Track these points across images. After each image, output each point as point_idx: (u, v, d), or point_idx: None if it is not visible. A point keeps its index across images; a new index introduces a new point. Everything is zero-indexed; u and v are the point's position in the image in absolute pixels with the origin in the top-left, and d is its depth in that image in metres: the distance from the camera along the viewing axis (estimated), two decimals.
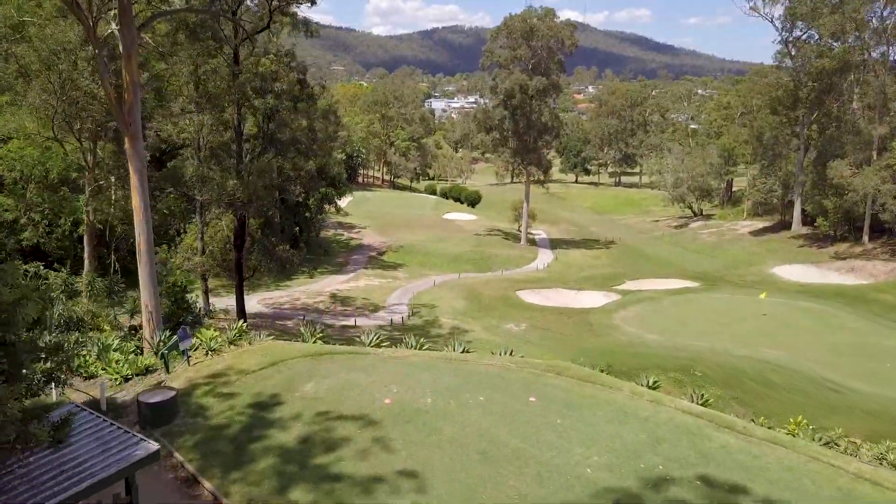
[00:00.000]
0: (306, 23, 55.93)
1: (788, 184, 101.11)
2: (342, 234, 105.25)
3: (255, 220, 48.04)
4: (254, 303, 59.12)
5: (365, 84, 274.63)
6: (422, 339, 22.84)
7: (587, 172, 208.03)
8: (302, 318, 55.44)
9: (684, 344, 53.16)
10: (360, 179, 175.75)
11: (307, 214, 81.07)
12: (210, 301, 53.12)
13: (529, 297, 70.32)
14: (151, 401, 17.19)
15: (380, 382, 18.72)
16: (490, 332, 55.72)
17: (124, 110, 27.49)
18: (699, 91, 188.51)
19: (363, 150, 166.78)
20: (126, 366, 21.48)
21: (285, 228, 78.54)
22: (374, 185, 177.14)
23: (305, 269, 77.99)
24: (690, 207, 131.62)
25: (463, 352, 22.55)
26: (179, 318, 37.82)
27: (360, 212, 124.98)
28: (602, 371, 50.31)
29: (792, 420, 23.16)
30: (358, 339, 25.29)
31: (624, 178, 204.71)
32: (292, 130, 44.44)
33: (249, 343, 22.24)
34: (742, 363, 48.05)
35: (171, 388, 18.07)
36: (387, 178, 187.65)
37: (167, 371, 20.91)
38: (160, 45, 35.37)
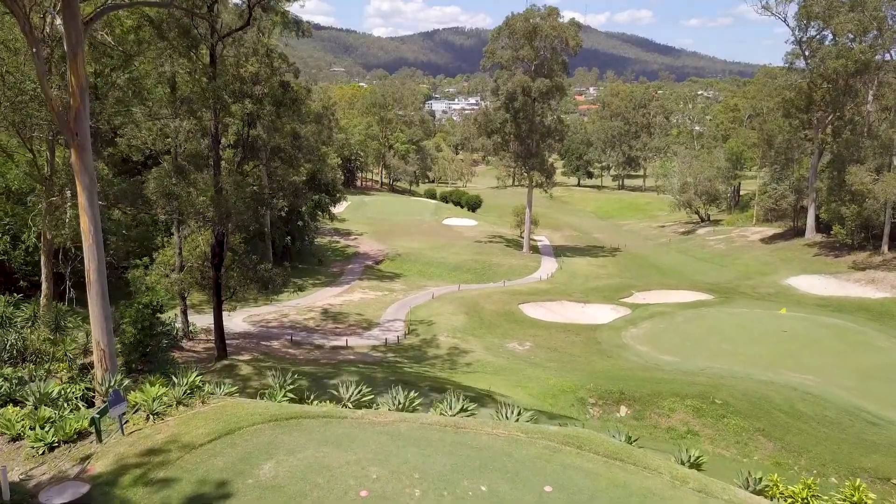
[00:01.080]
0: (297, 22, 52.25)
1: (801, 189, 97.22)
2: (338, 242, 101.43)
3: (238, 235, 44.21)
4: (239, 320, 55.29)
5: (365, 85, 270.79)
6: (411, 395, 18.99)
7: (590, 176, 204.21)
8: (289, 338, 51.59)
9: (701, 366, 49.32)
10: (358, 183, 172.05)
11: (300, 223, 77.16)
12: (190, 320, 49.30)
13: (533, 311, 66.48)
14: None
15: (356, 463, 14.93)
16: (492, 353, 51.87)
17: (70, 118, 23.64)
18: (704, 93, 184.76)
19: (361, 153, 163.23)
20: (52, 432, 17.62)
21: (276, 239, 74.76)
22: (373, 188, 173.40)
23: (297, 282, 74.14)
24: (697, 213, 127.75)
25: (462, 410, 18.70)
26: (146, 347, 33.98)
27: (358, 217, 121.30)
28: (616, 396, 46.72)
29: (849, 484, 19.17)
30: (335, 392, 21.32)
31: (627, 182, 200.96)
32: (275, 138, 40.59)
33: (203, 402, 18.38)
34: (766, 389, 44.18)
35: (84, 482, 14.21)
36: (386, 181, 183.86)
37: (99, 440, 17.08)
38: (122, 44, 31.58)
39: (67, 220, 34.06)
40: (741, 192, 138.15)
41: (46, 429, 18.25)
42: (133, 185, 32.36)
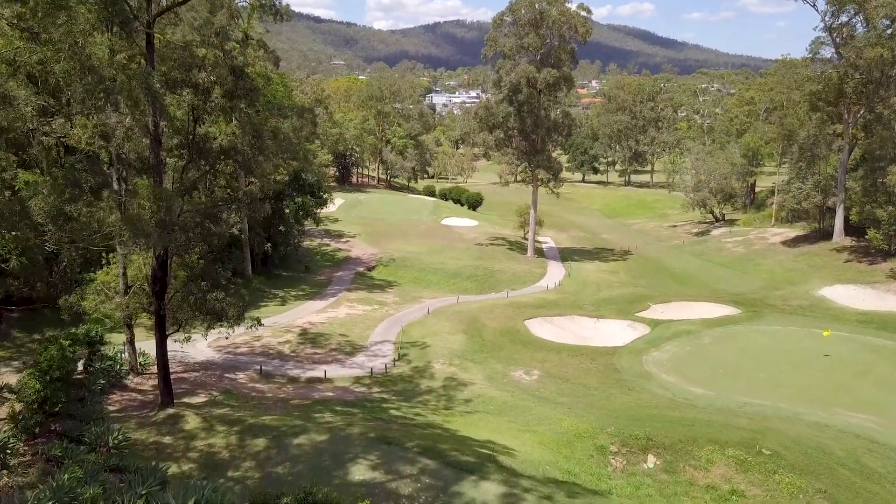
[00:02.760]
0: (274, 5, 45.13)
1: (828, 188, 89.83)
2: (328, 245, 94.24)
3: (197, 251, 36.91)
4: (204, 345, 48.09)
5: (363, 77, 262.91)
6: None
7: (595, 171, 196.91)
8: (258, 369, 44.41)
9: (739, 402, 42.16)
10: (354, 179, 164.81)
11: (282, 228, 69.93)
12: (142, 349, 42.09)
13: (541, 328, 59.33)
14: None
15: None
16: (495, 385, 44.73)
17: None
18: (713, 86, 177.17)
19: (357, 149, 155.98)
20: None
21: (255, 246, 67.62)
22: (370, 185, 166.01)
23: (278, 294, 66.97)
24: (712, 212, 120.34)
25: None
26: (56, 404, 26.80)
27: (351, 217, 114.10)
28: (642, 442, 39.31)
29: None
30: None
31: (634, 177, 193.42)
32: (239, 137, 33.23)
33: None
34: (822, 436, 37.02)
35: None
36: (383, 177, 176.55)
37: None
38: (20, 19, 24.41)
39: None
40: (756, 190, 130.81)
41: None
42: (12, 203, 25.12)
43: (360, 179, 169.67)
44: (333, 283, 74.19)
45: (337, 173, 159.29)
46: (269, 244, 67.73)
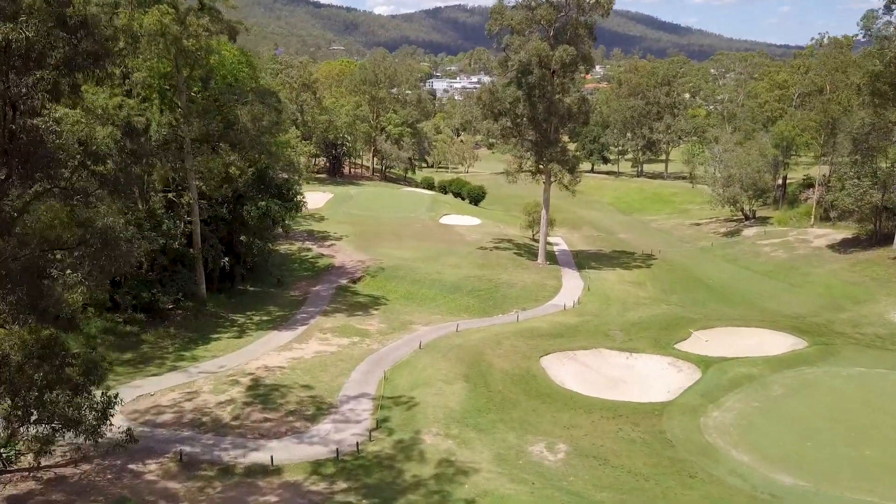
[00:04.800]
0: None
1: (889, 185, 77.31)
2: (309, 250, 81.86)
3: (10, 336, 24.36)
4: (117, 408, 35.75)
5: (360, 60, 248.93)
6: None
7: (605, 161, 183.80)
8: (179, 453, 32.10)
9: (853, 499, 30.06)
10: (346, 170, 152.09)
11: (243, 238, 57.52)
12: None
13: (562, 369, 47.11)
14: None
15: None
16: (507, 469, 32.56)
17: None
18: (735, 70, 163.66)
19: (348, 138, 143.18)
20: None
21: (210, 259, 55.29)
22: (363, 177, 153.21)
23: (238, 320, 54.68)
24: (742, 209, 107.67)
25: None
26: None
27: (340, 214, 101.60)
28: None
29: None
30: None
31: (646, 168, 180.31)
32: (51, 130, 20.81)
33: None
34: None
35: None
36: (378, 168, 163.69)
37: None
38: None
39: None
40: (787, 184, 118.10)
41: None
42: None
43: (352, 171, 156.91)
44: (308, 301, 61.89)
45: (327, 164, 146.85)
46: (227, 259, 55.28)
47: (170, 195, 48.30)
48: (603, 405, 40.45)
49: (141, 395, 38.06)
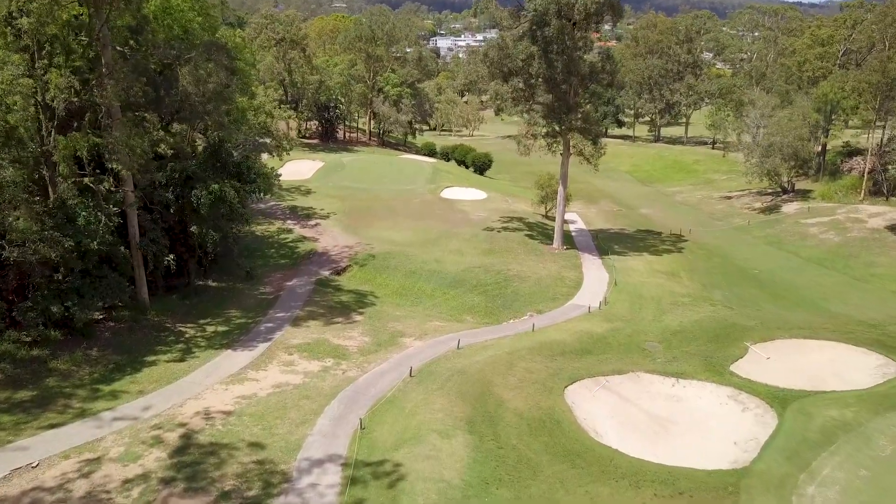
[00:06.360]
0: None
1: None
2: (290, 231, 71.03)
3: None
4: None
5: (356, 15, 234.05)
6: None
7: (620, 125, 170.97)
8: None
9: None
10: (340, 135, 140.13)
11: (193, 229, 46.34)
12: None
13: (594, 407, 36.51)
14: None
15: None
16: None
17: None
18: (764, 26, 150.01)
19: (342, 100, 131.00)
20: None
21: (150, 256, 44.31)
22: (359, 142, 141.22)
23: (185, 332, 43.90)
24: (780, 182, 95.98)
25: None
26: None
27: (328, 187, 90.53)
28: None
29: None
30: None
31: (664, 132, 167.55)
32: None
33: None
34: None
35: None
36: (375, 132, 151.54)
37: None
38: None
39: None
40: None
41: None
42: None
43: (347, 135, 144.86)
44: (279, 302, 51.17)
45: (319, 129, 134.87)
46: (172, 256, 44.14)
47: (85, 180, 37.18)
48: (655, 474, 29.75)
49: (17, 469, 27.45)
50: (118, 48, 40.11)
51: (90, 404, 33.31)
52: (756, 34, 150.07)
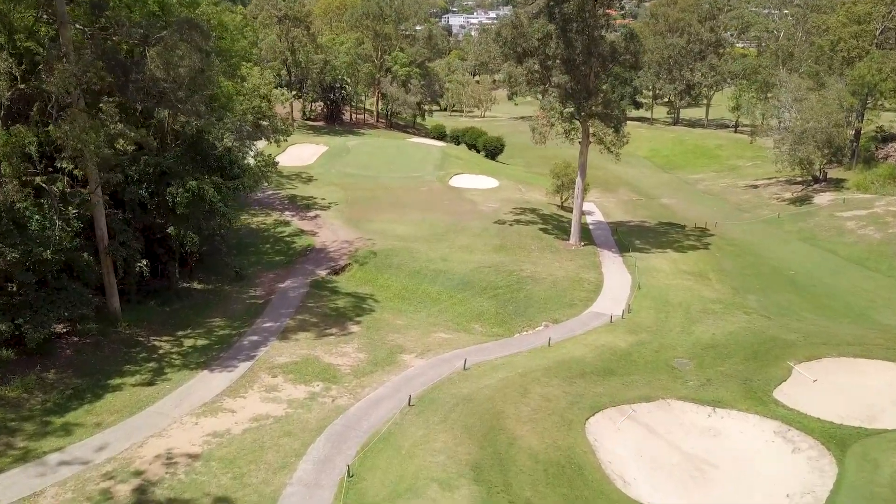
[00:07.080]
0: None
1: None
2: (287, 224, 66.40)
3: None
4: None
5: None
6: None
7: (637, 106, 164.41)
8: None
9: None
10: (346, 117, 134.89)
11: (171, 230, 41.49)
12: None
13: (619, 445, 31.64)
14: None
15: None
16: None
17: None
18: (792, 2, 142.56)
19: (348, 80, 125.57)
20: None
21: (121, 261, 39.60)
22: (366, 124, 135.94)
23: (160, 347, 39.24)
24: (812, 171, 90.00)
25: None
26: None
27: (332, 174, 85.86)
28: None
29: None
30: None
31: (683, 114, 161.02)
32: None
33: None
34: None
35: None
36: (382, 114, 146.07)
37: None
38: None
39: None
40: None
41: None
42: None
43: (354, 117, 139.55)
44: (269, 309, 46.46)
45: (325, 111, 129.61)
46: (145, 262, 39.39)
47: (37, 180, 32.35)
48: None
49: None
50: (81, 27, 35.14)
51: (36, 443, 28.74)
52: (784, 11, 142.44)
